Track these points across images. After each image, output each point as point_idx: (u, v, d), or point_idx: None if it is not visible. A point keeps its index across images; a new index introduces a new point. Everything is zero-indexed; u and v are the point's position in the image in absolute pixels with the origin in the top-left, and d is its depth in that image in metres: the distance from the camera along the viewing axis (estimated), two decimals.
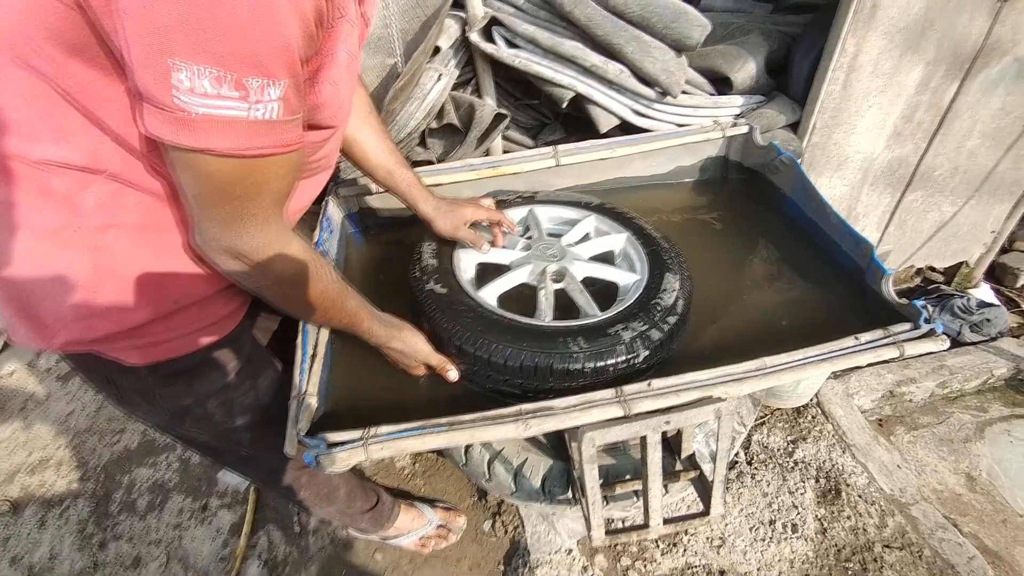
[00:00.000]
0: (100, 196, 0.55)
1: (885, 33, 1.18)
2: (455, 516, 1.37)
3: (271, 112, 0.49)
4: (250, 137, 0.49)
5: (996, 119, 1.44)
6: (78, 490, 1.53)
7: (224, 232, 0.57)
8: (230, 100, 0.46)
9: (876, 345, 0.72)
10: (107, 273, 0.58)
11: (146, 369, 0.66)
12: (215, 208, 0.55)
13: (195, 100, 0.45)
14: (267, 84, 0.47)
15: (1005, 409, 1.63)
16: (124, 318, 0.60)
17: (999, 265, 1.99)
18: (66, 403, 1.76)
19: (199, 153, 0.48)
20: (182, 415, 0.73)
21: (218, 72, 0.44)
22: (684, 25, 1.16)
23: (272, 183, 0.56)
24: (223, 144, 0.48)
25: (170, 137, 0.47)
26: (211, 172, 0.51)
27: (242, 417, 0.79)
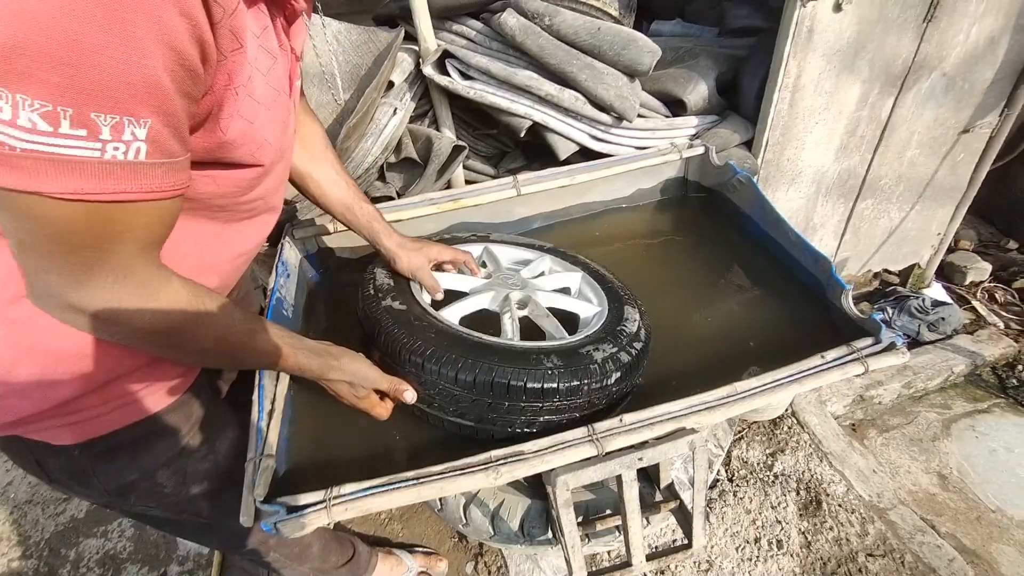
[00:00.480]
0: (5, 264, 0.49)
1: (823, 55, 1.24)
2: (436, 561, 1.31)
3: (134, 153, 0.42)
4: (100, 179, 0.41)
5: (931, 130, 1.52)
6: (19, 568, 1.40)
7: (66, 286, 0.46)
8: (74, 139, 0.39)
9: (842, 362, 0.72)
10: (23, 348, 0.52)
11: (78, 448, 0.60)
12: (53, 258, 0.45)
13: (18, 135, 0.37)
14: (125, 123, 0.40)
15: (967, 405, 1.68)
16: (47, 395, 0.54)
17: (948, 264, 2.08)
18: (4, 472, 1.62)
19: (27, 195, 0.40)
20: (125, 492, 0.66)
21: (49, 107, 0.37)
22: (634, 51, 1.18)
23: (134, 232, 0.47)
24: (60, 186, 0.40)
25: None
26: (47, 218, 0.41)
27: (198, 485, 0.72)
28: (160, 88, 0.41)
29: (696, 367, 0.83)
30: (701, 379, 0.77)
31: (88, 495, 0.66)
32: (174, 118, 0.43)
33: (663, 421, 0.66)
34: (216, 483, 0.73)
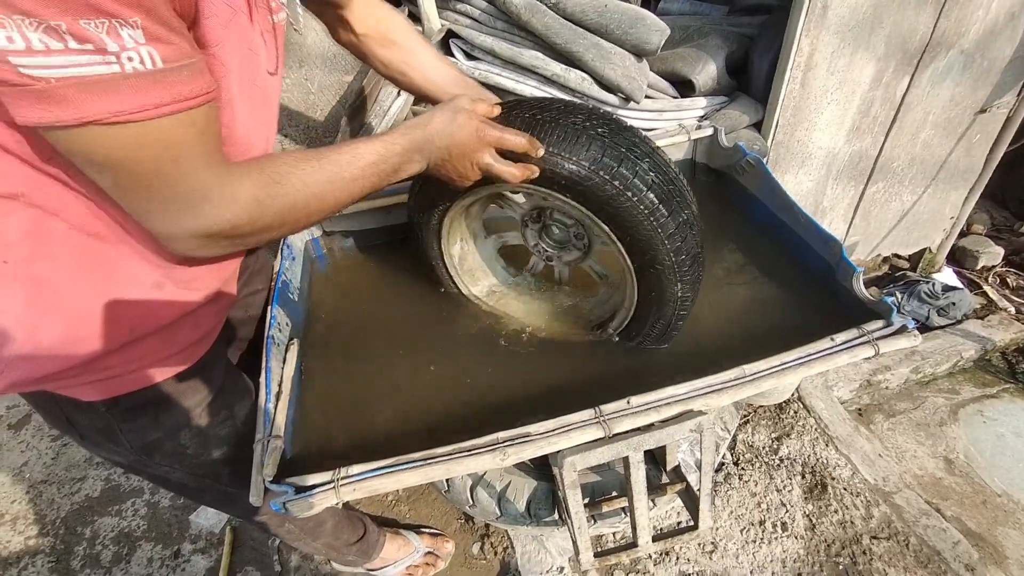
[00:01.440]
0: (24, 223, 0.49)
1: (837, 32, 1.21)
2: (442, 542, 1.33)
3: (150, 59, 0.41)
4: (135, 95, 0.41)
5: (946, 110, 1.48)
6: (36, 546, 1.43)
7: (171, 221, 0.49)
8: (86, 54, 0.38)
9: (852, 345, 0.72)
10: (47, 307, 0.53)
11: (104, 404, 0.61)
12: (141, 196, 0.47)
13: (42, 62, 0.37)
14: (116, 27, 0.39)
15: (976, 390, 1.67)
16: (73, 353, 0.55)
17: (959, 248, 2.05)
18: (20, 453, 1.65)
19: (83, 128, 0.41)
20: (150, 451, 0.68)
21: (46, 22, 0.36)
22: (642, 30, 1.16)
23: (190, 145, 0.47)
24: (102, 109, 0.40)
25: (40, 118, 0.39)
26: (108, 152, 0.43)
27: (218, 449, 0.73)
28: None
29: (703, 349, 0.83)
30: (708, 361, 0.77)
31: (117, 452, 0.68)
32: (159, 14, 0.42)
33: (670, 404, 0.66)
34: (236, 449, 0.75)
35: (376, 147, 0.61)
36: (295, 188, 0.56)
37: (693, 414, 0.66)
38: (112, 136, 0.42)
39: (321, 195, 0.58)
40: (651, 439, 0.65)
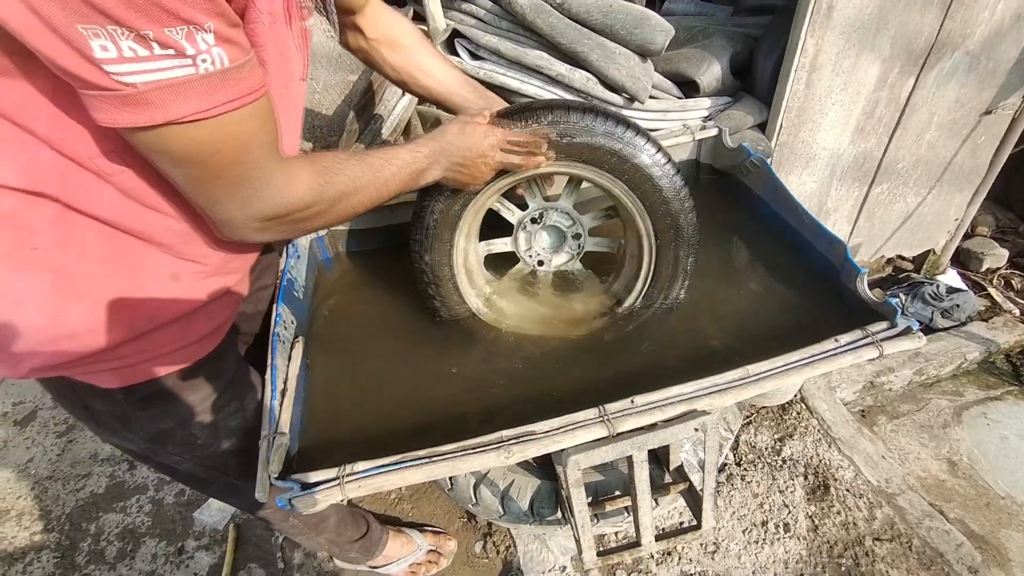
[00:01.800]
0: (53, 213, 0.51)
1: (842, 32, 1.21)
2: (445, 540, 1.33)
3: (220, 60, 0.45)
4: (209, 94, 0.45)
5: (952, 111, 1.48)
6: (41, 542, 1.44)
7: (236, 207, 0.53)
8: (168, 59, 0.42)
9: (856, 346, 0.72)
10: (71, 294, 0.54)
11: (121, 392, 0.63)
12: (212, 185, 0.51)
13: (131, 68, 0.41)
14: (193, 31, 0.42)
15: (980, 392, 1.67)
16: (93, 340, 0.57)
17: (964, 250, 2.05)
18: (25, 449, 1.66)
19: (164, 128, 0.45)
20: (163, 440, 0.69)
21: (135, 31, 0.39)
22: (647, 31, 1.16)
23: (255, 136, 0.52)
24: (183, 110, 0.44)
25: (127, 121, 0.43)
26: (186, 148, 0.47)
27: (228, 441, 0.75)
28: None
29: (707, 350, 0.83)
30: (712, 361, 0.77)
31: (131, 439, 0.69)
32: (227, 17, 0.45)
33: (674, 403, 0.66)
34: (245, 441, 0.76)
35: (403, 153, 0.69)
36: (344, 180, 0.63)
37: (697, 414, 0.66)
38: (190, 134, 0.46)
39: (364, 188, 0.65)
40: (655, 438, 0.66)
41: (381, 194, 0.68)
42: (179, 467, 0.76)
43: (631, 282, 0.90)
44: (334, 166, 0.62)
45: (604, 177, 0.80)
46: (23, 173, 0.49)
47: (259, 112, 0.51)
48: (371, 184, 0.66)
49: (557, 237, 0.95)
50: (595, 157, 0.78)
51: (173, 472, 0.81)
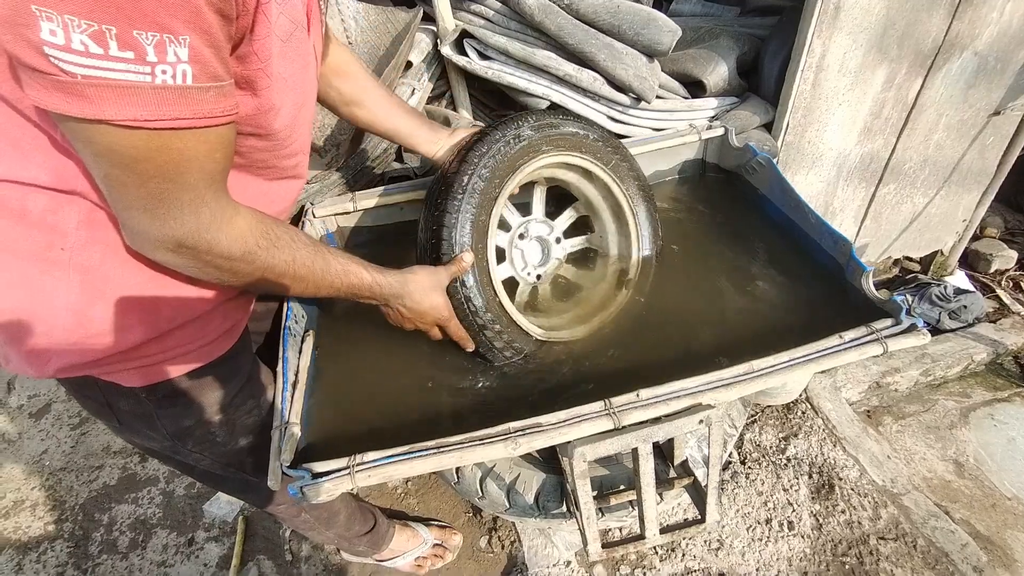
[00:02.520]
0: (80, 214, 0.52)
1: (849, 33, 1.21)
2: (450, 534, 1.35)
3: (181, 77, 0.42)
4: (156, 106, 0.42)
5: (960, 112, 1.48)
6: (55, 532, 1.47)
7: (149, 220, 0.49)
8: (124, 62, 0.39)
9: (860, 343, 0.72)
10: (97, 294, 0.56)
11: (144, 391, 0.64)
12: (130, 191, 0.47)
13: (76, 60, 0.38)
14: (166, 41, 0.40)
15: (987, 393, 1.66)
16: (118, 340, 0.58)
17: (972, 252, 2.04)
18: (40, 441, 1.69)
19: (95, 124, 0.42)
20: (183, 437, 0.71)
21: (95, 25, 0.37)
22: (654, 31, 1.17)
23: (198, 160, 0.48)
24: (120, 113, 0.41)
25: (55, 106, 0.40)
26: (112, 147, 0.43)
27: (245, 438, 0.76)
28: (192, 3, 0.41)
29: (712, 346, 0.84)
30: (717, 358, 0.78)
31: (153, 438, 0.71)
32: (210, 36, 0.43)
33: (679, 397, 0.67)
34: (260, 438, 0.77)
35: (364, 277, 0.69)
36: (283, 257, 0.60)
37: (702, 407, 0.67)
38: (121, 137, 0.43)
39: (299, 278, 0.63)
40: (660, 431, 0.67)
41: (316, 292, 0.66)
42: (197, 464, 0.78)
43: (626, 239, 0.99)
44: (283, 239, 0.60)
45: (586, 161, 0.91)
46: (54, 172, 0.50)
47: (212, 139, 0.48)
48: (312, 277, 0.64)
49: (542, 247, 0.99)
50: (573, 144, 0.88)
51: (190, 470, 0.83)
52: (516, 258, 0.94)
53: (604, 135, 0.95)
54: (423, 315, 0.74)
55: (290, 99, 0.60)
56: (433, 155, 0.91)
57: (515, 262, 0.94)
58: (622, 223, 1.01)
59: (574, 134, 0.89)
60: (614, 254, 1.02)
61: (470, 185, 0.76)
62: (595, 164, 0.93)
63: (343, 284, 0.68)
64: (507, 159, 0.80)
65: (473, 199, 0.76)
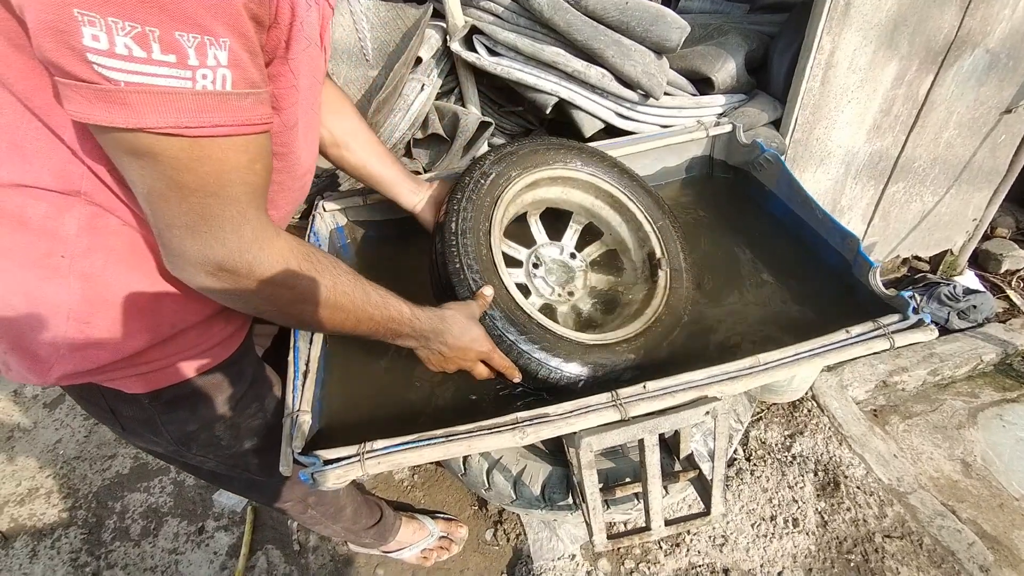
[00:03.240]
0: (81, 220, 0.52)
1: (859, 29, 1.20)
2: (456, 527, 1.36)
3: (220, 82, 0.42)
4: (196, 112, 0.41)
5: (971, 109, 1.47)
6: (69, 519, 1.50)
7: (191, 239, 0.48)
8: (165, 66, 0.39)
9: (867, 338, 0.73)
10: (99, 300, 0.55)
11: (148, 397, 0.64)
12: (172, 207, 0.46)
13: (120, 65, 0.38)
14: (207, 43, 0.39)
15: (995, 394, 1.65)
16: (121, 346, 0.58)
17: (982, 252, 2.02)
18: (54, 431, 1.73)
19: (135, 133, 0.41)
20: (188, 442, 0.71)
21: (139, 27, 0.37)
22: (663, 28, 1.17)
23: (239, 171, 0.47)
24: (161, 121, 0.40)
25: (97, 116, 0.39)
26: (156, 158, 0.43)
27: (250, 440, 0.76)
28: (233, 6, 0.41)
29: (718, 340, 0.84)
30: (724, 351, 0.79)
31: (157, 443, 0.71)
32: (248, 41, 0.43)
33: (686, 389, 0.68)
34: (265, 440, 0.78)
35: (403, 310, 0.67)
36: (325, 283, 0.58)
37: (708, 400, 0.68)
38: (162, 146, 0.42)
39: (339, 307, 0.60)
40: (666, 423, 0.67)
41: (356, 325, 0.63)
42: (203, 466, 0.78)
43: (634, 221, 1.01)
44: (323, 263, 0.58)
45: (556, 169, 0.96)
46: (58, 174, 0.49)
47: (252, 148, 0.47)
48: (351, 307, 0.61)
49: (560, 268, 0.99)
50: (536, 160, 0.93)
51: (196, 471, 0.83)
52: (541, 286, 0.94)
53: (554, 143, 0.98)
54: (466, 351, 0.72)
55: (304, 114, 0.60)
56: (413, 207, 0.93)
57: (541, 290, 0.94)
58: (621, 209, 1.02)
59: (533, 151, 0.93)
60: (632, 242, 1.03)
61: (460, 227, 0.80)
62: (564, 168, 0.96)
63: (382, 317, 0.65)
64: (485, 194, 0.84)
65: (467, 238, 0.80)
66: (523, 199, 0.96)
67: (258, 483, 0.87)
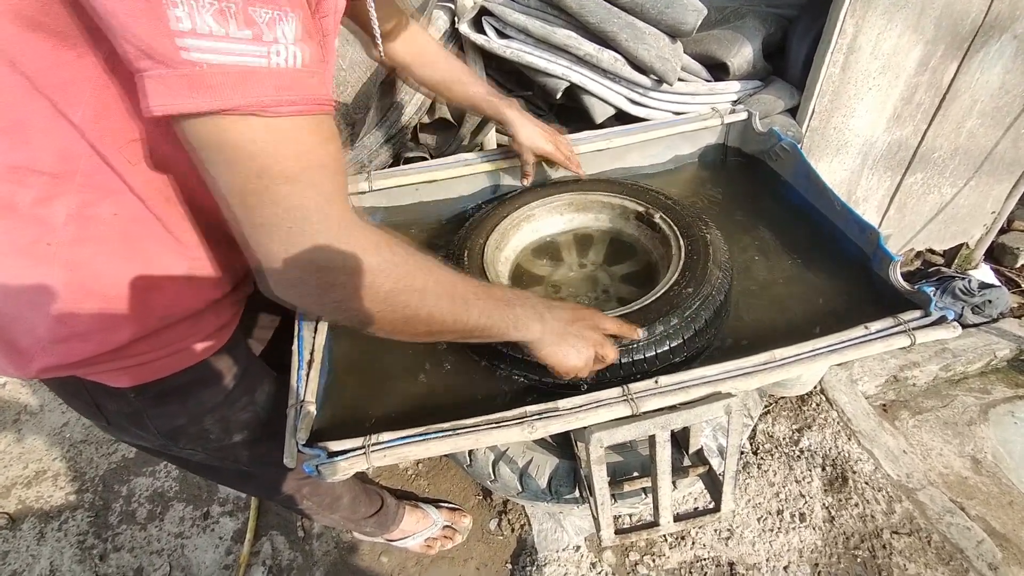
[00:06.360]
0: (70, 208, 0.50)
1: (884, 12, 1.16)
2: (460, 516, 1.36)
3: (293, 59, 0.41)
4: (274, 90, 0.40)
5: (996, 98, 1.42)
6: (76, 502, 1.51)
7: (281, 239, 0.45)
8: (242, 43, 0.38)
9: (887, 334, 0.70)
10: (84, 291, 0.54)
11: (133, 391, 0.62)
12: (257, 201, 0.43)
13: (202, 46, 0.37)
14: (277, 19, 0.39)
15: (1008, 390, 1.63)
16: (106, 338, 0.56)
17: (999, 245, 1.98)
18: (60, 414, 1.73)
19: (218, 118, 0.40)
20: (175, 436, 0.70)
21: (217, 4, 0.36)
22: (679, 10, 1.13)
23: (315, 155, 0.45)
24: (242, 99, 0.39)
25: (181, 103, 0.38)
26: (237, 144, 0.41)
27: (240, 434, 0.75)
28: None
29: (733, 334, 0.82)
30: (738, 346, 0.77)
31: (143, 438, 0.70)
32: (307, 15, 0.42)
33: (699, 385, 0.66)
34: (256, 433, 0.76)
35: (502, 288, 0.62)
36: (421, 265, 0.54)
37: (721, 396, 0.66)
38: (247, 128, 0.41)
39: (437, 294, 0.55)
40: (678, 419, 0.66)
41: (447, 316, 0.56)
42: (192, 459, 0.77)
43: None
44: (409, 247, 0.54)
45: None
46: (58, 152, 0.48)
47: (324, 129, 0.46)
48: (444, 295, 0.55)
49: (584, 277, 0.97)
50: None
51: (185, 463, 0.82)
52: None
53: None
54: (583, 314, 0.66)
55: (330, 81, 0.58)
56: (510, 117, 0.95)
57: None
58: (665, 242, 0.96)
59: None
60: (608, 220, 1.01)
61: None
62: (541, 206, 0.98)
63: (487, 295, 0.59)
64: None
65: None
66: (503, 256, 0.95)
67: (249, 475, 0.86)
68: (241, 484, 0.94)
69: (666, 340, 0.73)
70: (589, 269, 0.99)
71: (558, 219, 1.04)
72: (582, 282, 0.96)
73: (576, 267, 0.99)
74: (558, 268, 0.99)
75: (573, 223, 1.04)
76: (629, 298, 0.80)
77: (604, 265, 1.00)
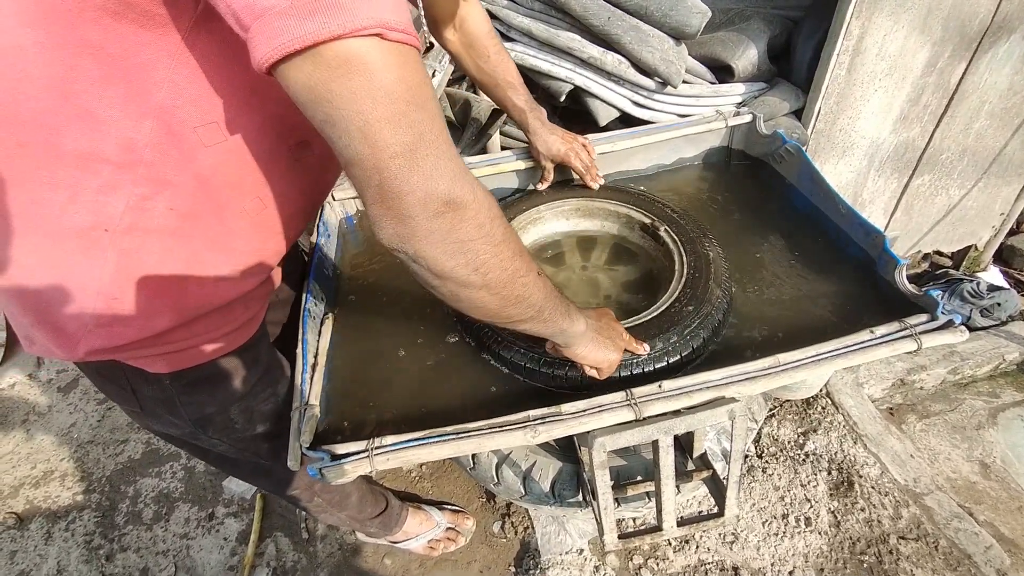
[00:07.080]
0: (130, 198, 0.52)
1: (891, 13, 1.15)
2: (464, 518, 1.36)
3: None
4: (394, 10, 0.39)
5: (1004, 99, 1.41)
6: (83, 502, 1.52)
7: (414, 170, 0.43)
8: None
9: (893, 338, 0.70)
10: (131, 278, 0.56)
11: (169, 377, 0.65)
12: (391, 128, 0.41)
13: None
14: None
15: (1017, 394, 1.61)
16: (147, 325, 0.58)
17: (1008, 247, 1.96)
18: (68, 414, 1.75)
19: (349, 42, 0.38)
20: (204, 424, 0.72)
21: None
22: (683, 13, 1.13)
23: (429, 87, 0.44)
24: (372, 15, 0.37)
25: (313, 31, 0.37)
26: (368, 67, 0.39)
27: (263, 424, 0.77)
28: None
29: (737, 339, 0.82)
30: (742, 350, 0.76)
31: (175, 424, 0.71)
32: None
33: (702, 389, 0.66)
34: (277, 425, 0.78)
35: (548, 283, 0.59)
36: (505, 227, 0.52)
37: (725, 401, 0.66)
38: (369, 48, 0.39)
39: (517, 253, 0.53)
40: (682, 424, 0.65)
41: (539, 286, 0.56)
42: (213, 449, 0.79)
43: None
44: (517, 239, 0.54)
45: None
46: (123, 143, 0.49)
47: (423, 67, 0.44)
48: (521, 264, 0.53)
49: (586, 280, 0.97)
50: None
51: (205, 454, 0.84)
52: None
53: None
54: (604, 312, 0.71)
55: None
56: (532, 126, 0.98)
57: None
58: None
59: None
60: (615, 227, 1.01)
61: None
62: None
63: (547, 281, 0.58)
64: None
65: None
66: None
67: (266, 468, 0.88)
68: (256, 479, 0.96)
69: (664, 357, 0.74)
70: (591, 272, 0.99)
71: (564, 223, 1.04)
72: (584, 286, 0.96)
73: (578, 270, 0.99)
74: (560, 271, 0.99)
75: (579, 228, 1.05)
76: (631, 304, 0.80)
77: (607, 268, 0.99)
